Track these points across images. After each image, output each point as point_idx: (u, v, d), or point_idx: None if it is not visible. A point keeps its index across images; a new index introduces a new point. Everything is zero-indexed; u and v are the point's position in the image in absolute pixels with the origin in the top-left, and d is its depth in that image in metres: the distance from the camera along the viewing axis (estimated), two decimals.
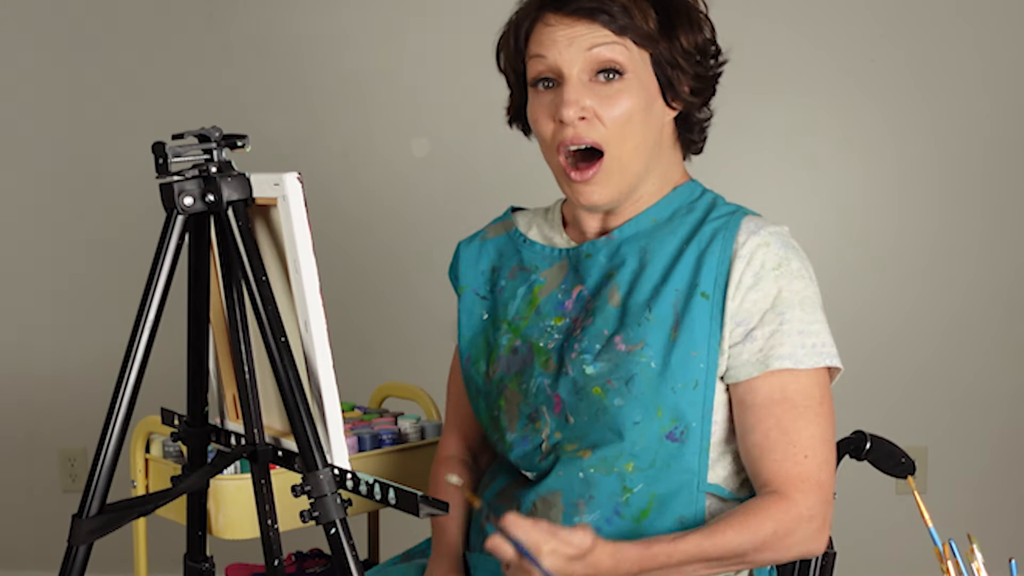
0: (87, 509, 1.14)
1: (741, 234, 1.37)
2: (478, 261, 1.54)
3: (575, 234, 1.49)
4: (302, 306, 1.11)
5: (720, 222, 1.39)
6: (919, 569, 2.24)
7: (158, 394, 1.61)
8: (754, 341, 1.34)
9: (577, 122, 1.35)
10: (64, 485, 3.26)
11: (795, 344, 1.34)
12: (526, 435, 1.42)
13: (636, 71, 1.36)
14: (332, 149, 3.10)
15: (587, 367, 1.37)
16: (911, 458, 1.49)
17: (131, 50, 3.15)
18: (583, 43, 1.35)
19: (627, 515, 1.35)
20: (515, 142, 1.57)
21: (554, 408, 1.40)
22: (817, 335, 1.35)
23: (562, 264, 1.47)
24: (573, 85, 1.35)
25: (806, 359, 1.34)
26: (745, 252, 1.35)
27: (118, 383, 1.15)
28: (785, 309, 1.34)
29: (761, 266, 1.35)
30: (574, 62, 1.35)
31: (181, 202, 1.14)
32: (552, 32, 1.36)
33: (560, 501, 1.37)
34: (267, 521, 1.22)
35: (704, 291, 1.35)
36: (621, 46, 1.35)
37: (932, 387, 3.00)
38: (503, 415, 1.45)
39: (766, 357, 1.33)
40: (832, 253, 2.98)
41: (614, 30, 1.34)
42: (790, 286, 1.35)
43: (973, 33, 2.94)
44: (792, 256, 1.36)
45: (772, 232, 1.37)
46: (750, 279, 1.34)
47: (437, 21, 3.06)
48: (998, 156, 2.95)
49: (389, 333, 3.11)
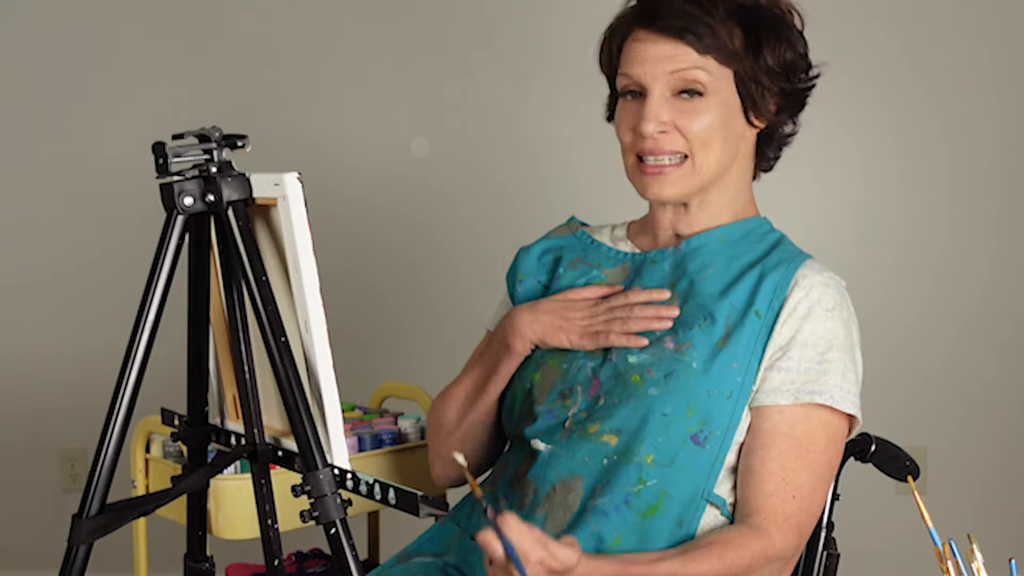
0: (87, 509, 1.14)
1: (805, 269, 1.41)
2: (541, 256, 1.58)
3: (644, 244, 1.52)
4: (302, 306, 1.11)
5: (786, 255, 1.43)
6: (919, 569, 2.24)
7: (158, 394, 1.61)
8: (788, 372, 1.36)
9: (657, 135, 1.40)
10: (64, 485, 3.26)
11: (832, 384, 1.36)
12: (552, 409, 1.44)
13: (717, 90, 1.40)
14: (332, 149, 3.09)
15: (631, 356, 1.40)
16: (915, 461, 1.50)
17: (131, 50, 3.15)
18: (668, 65, 1.40)
19: (635, 506, 1.36)
20: (515, 142, 1.57)
21: (590, 390, 1.42)
22: (850, 383, 1.38)
23: (625, 266, 1.50)
24: (655, 101, 1.40)
25: (843, 402, 1.36)
26: (805, 284, 1.39)
27: (118, 383, 1.15)
28: (828, 350, 1.37)
29: (817, 302, 1.38)
30: (657, 79, 1.40)
31: (181, 202, 1.14)
32: (641, 50, 1.42)
33: (581, 486, 1.38)
34: (267, 521, 1.22)
35: (758, 310, 1.38)
36: (703, 69, 1.40)
37: (932, 387, 2.99)
38: (535, 388, 1.47)
39: (798, 390, 1.36)
40: (834, 254, 2.98)
41: (698, 50, 1.39)
42: (839, 330, 1.38)
43: (980, 29, 2.93)
44: (845, 305, 1.41)
45: (834, 278, 1.41)
46: (803, 311, 1.38)
47: (437, 21, 3.06)
48: (1006, 156, 2.95)
49: (389, 333, 3.11)
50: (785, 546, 1.34)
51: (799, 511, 1.35)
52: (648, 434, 1.36)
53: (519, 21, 1.49)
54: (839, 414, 1.37)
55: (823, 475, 1.37)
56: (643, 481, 1.36)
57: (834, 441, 1.38)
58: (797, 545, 1.36)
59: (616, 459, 1.37)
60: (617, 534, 1.35)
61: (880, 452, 1.48)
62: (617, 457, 1.37)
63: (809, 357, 1.36)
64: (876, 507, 2.86)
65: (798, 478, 1.35)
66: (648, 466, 1.36)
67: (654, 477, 1.36)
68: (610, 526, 1.35)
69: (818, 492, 1.37)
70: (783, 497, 1.34)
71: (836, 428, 1.38)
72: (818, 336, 1.37)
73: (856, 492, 2.06)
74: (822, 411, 1.36)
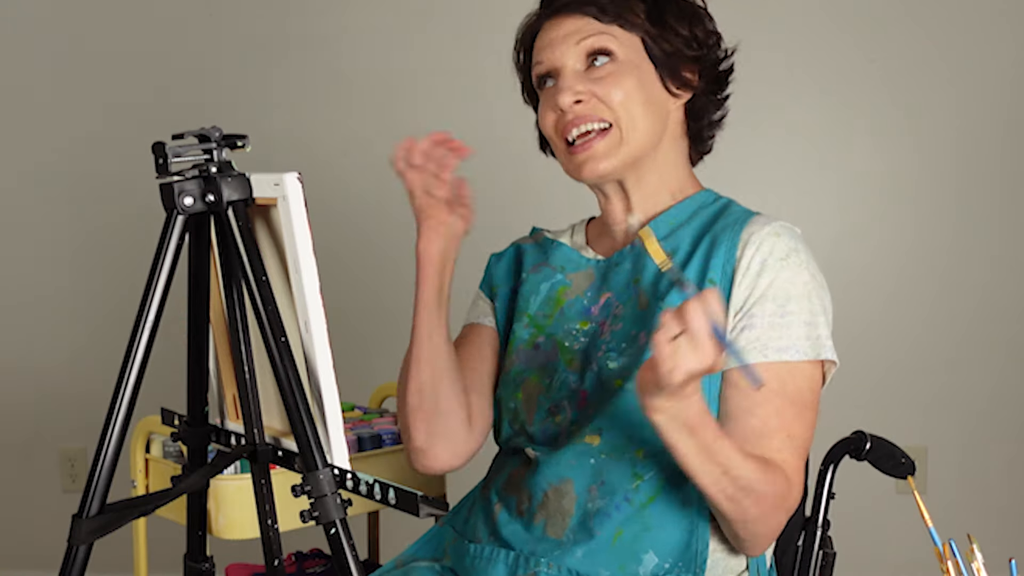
0: (87, 509, 1.14)
1: (753, 225, 1.38)
2: (510, 263, 1.59)
3: (601, 250, 1.51)
4: (302, 306, 1.11)
5: (732, 217, 1.42)
6: (919, 569, 2.24)
7: (158, 394, 1.61)
8: (753, 329, 1.34)
9: (574, 106, 1.39)
10: (64, 485, 3.26)
11: (797, 335, 1.34)
12: (545, 428, 1.43)
13: (628, 56, 1.40)
14: (332, 149, 3.09)
15: (611, 362, 1.39)
16: (911, 458, 1.49)
17: (131, 50, 3.15)
18: (573, 38, 1.41)
19: (635, 501, 1.35)
20: (515, 142, 1.57)
21: (579, 404, 1.41)
22: (820, 327, 1.36)
23: (588, 272, 1.49)
24: (568, 74, 1.41)
25: (808, 350, 1.34)
26: (755, 240, 1.36)
27: (118, 383, 1.15)
28: (788, 300, 1.35)
29: (769, 253, 1.35)
30: (567, 55, 1.41)
31: (181, 202, 1.14)
32: (549, 34, 1.43)
33: (572, 490, 1.37)
34: (267, 521, 1.22)
35: (712, 278, 1.36)
36: (609, 34, 1.40)
37: (932, 387, 3.00)
38: (520, 408, 1.46)
39: (765, 346, 1.34)
40: (835, 253, 2.98)
41: (601, 20, 1.40)
42: (796, 277, 1.35)
43: (988, 30, 2.93)
44: (800, 249, 1.37)
45: (784, 226, 1.39)
46: (757, 266, 1.35)
47: (437, 21, 3.06)
48: (1008, 156, 2.95)
49: (389, 333, 3.10)
50: (796, 495, 1.34)
51: (801, 468, 1.35)
52: (633, 429, 1.35)
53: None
54: (814, 361, 1.36)
55: (811, 427, 1.36)
56: (639, 476, 1.36)
57: (815, 388, 1.37)
58: (798, 497, 1.35)
59: (604, 458, 1.37)
60: (619, 527, 1.35)
61: (875, 449, 1.47)
62: (605, 456, 1.37)
63: (771, 311, 1.34)
64: (876, 507, 2.86)
65: (796, 433, 1.34)
66: (641, 460, 1.36)
67: (650, 469, 1.36)
68: (612, 524, 1.35)
69: (808, 445, 1.37)
70: (792, 451, 1.33)
71: (812, 376, 1.36)
72: (776, 288, 1.35)
73: (855, 491, 2.06)
74: (797, 365, 1.34)
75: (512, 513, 1.43)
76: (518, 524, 1.41)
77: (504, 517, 1.43)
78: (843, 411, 2.50)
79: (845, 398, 2.89)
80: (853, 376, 3.03)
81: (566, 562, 1.35)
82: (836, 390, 1.40)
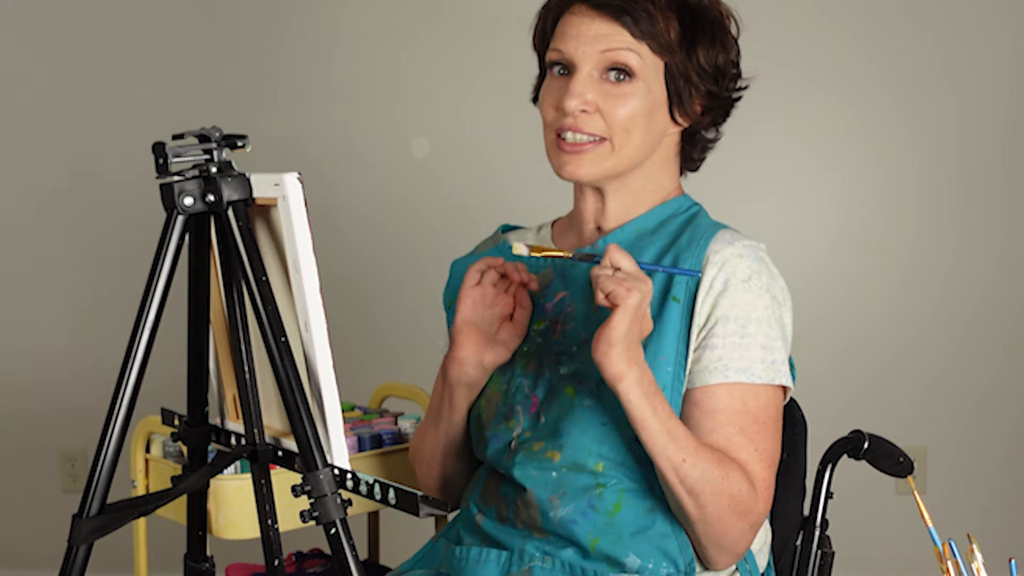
0: (87, 509, 1.14)
1: (716, 243, 1.38)
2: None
3: (568, 243, 1.51)
4: (302, 306, 1.11)
5: (698, 231, 1.41)
6: (919, 569, 2.24)
7: (158, 394, 1.61)
8: (715, 349, 1.35)
9: (578, 114, 1.37)
10: (64, 485, 3.26)
11: (754, 358, 1.35)
12: (498, 433, 1.44)
13: (647, 78, 1.38)
14: (332, 149, 3.10)
15: (562, 368, 1.40)
16: (910, 458, 1.49)
17: (131, 50, 3.15)
18: (600, 44, 1.37)
19: (601, 508, 1.36)
20: (515, 143, 1.57)
21: (530, 408, 1.42)
22: (776, 352, 1.37)
23: (546, 272, 1.48)
24: (581, 78, 1.37)
25: (763, 374, 1.35)
26: (718, 259, 1.36)
27: (118, 383, 1.15)
28: (748, 322, 1.35)
29: (732, 274, 1.36)
30: (587, 58, 1.37)
31: (181, 202, 1.14)
32: (576, 25, 1.39)
33: (535, 499, 1.38)
34: (267, 521, 1.22)
35: (675, 295, 1.37)
36: (636, 53, 1.37)
37: (932, 387, 3.00)
38: (483, 414, 1.47)
39: (726, 367, 1.35)
40: (834, 254, 2.98)
41: (634, 34, 1.36)
42: (757, 300, 1.36)
43: (990, 33, 2.94)
44: (763, 271, 1.38)
45: (747, 245, 1.38)
46: (719, 286, 1.36)
47: (437, 21, 3.06)
48: (1010, 157, 2.95)
49: (389, 333, 3.11)
50: (763, 510, 1.34)
51: (770, 484, 1.36)
52: (592, 445, 1.36)
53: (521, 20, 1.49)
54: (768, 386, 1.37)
55: (777, 446, 1.38)
56: (602, 484, 1.36)
57: (778, 411, 1.38)
58: (765, 514, 1.36)
59: (566, 471, 1.37)
60: (591, 535, 1.36)
61: (873, 448, 1.47)
62: (567, 469, 1.37)
63: (732, 331, 1.35)
64: (875, 507, 2.86)
65: (765, 448, 1.35)
66: (601, 472, 1.36)
67: (611, 479, 1.36)
68: (583, 530, 1.36)
69: (776, 463, 1.38)
70: (761, 464, 1.34)
71: (773, 400, 1.37)
72: (737, 309, 1.35)
73: (855, 491, 2.06)
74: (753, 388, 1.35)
75: (495, 520, 1.44)
76: (503, 528, 1.43)
77: (488, 524, 1.44)
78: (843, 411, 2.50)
79: (844, 397, 2.89)
80: (853, 376, 3.04)
81: (560, 555, 1.36)
82: (836, 389, 1.40)
